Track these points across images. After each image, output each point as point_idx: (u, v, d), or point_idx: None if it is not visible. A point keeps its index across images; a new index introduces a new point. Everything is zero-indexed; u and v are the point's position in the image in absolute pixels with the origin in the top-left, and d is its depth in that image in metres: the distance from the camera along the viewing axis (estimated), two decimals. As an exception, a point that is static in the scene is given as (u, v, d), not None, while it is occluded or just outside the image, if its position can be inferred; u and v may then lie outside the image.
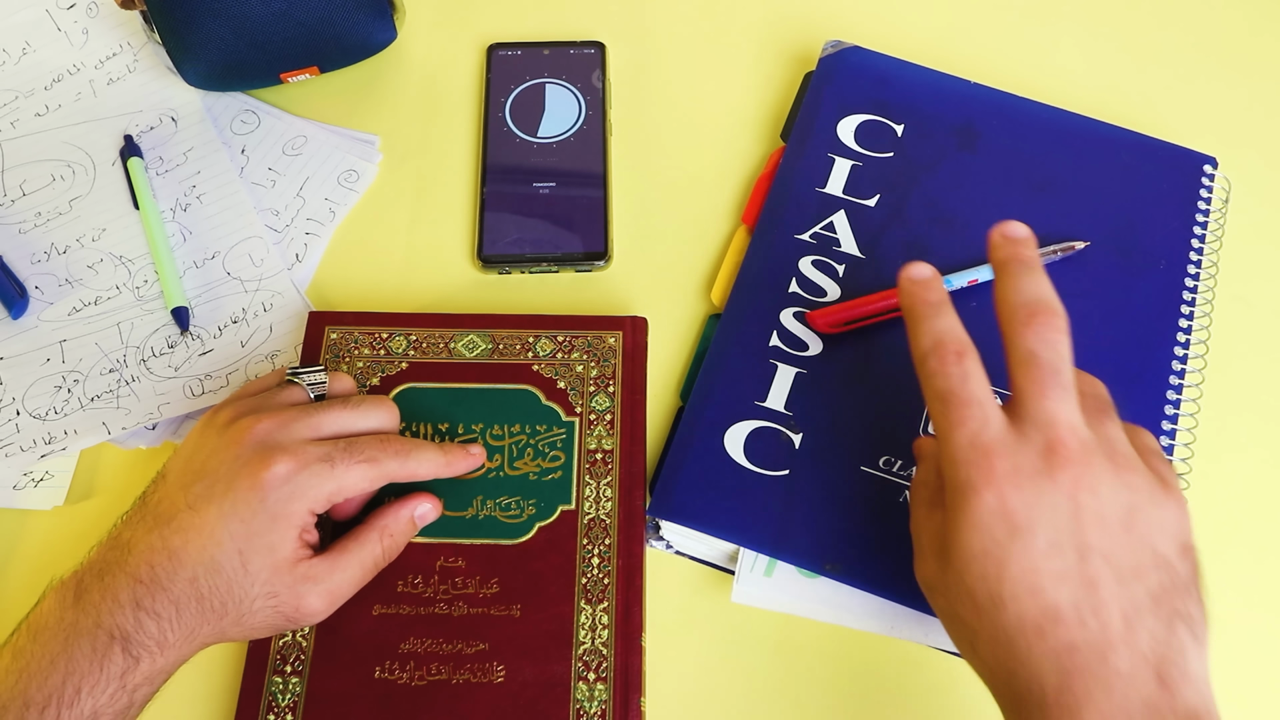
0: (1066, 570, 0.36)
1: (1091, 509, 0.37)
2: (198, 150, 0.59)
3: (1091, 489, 0.37)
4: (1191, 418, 0.50)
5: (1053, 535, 0.36)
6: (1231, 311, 0.55)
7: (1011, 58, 0.63)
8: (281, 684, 0.45)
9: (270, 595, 0.41)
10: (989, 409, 0.39)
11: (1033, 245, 0.42)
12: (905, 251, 0.54)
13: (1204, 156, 0.57)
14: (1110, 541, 0.36)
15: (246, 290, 0.55)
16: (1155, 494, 0.38)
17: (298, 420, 0.44)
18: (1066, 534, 0.36)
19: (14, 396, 0.52)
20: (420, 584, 0.47)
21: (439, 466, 0.46)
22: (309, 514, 0.42)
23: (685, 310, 0.55)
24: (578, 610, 0.46)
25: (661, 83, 0.62)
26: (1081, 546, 0.36)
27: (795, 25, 0.64)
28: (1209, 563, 0.49)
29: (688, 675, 0.47)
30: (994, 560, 0.36)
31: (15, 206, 0.57)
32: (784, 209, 0.55)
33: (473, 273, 0.57)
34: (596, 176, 0.58)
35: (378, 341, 0.52)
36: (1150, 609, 0.36)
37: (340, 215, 0.58)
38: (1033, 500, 0.37)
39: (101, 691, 0.38)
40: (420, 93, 0.62)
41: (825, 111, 0.58)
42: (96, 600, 0.39)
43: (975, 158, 0.57)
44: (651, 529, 0.49)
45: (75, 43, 0.63)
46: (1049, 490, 0.37)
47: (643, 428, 0.50)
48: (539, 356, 0.52)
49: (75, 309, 0.55)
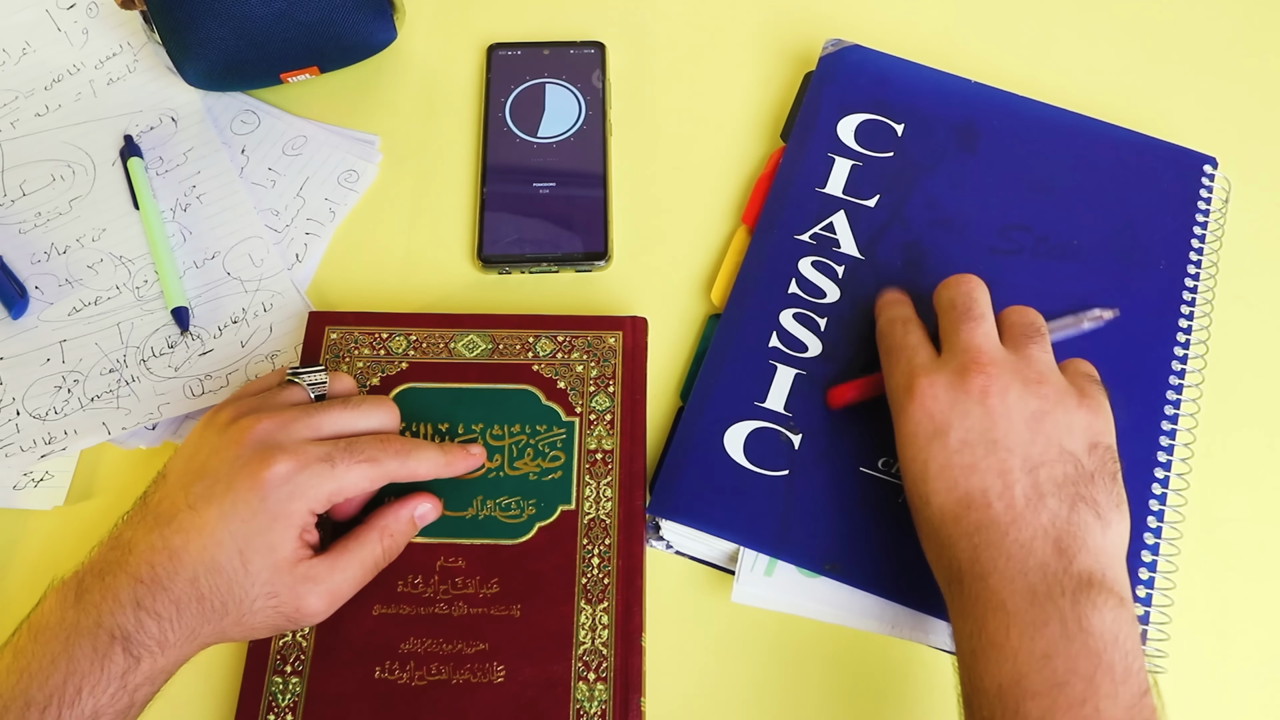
0: (975, 462, 0.41)
1: (999, 411, 0.42)
2: (198, 150, 0.59)
3: (1000, 394, 0.42)
4: (1191, 418, 0.50)
5: (963, 434, 0.42)
6: (1231, 311, 0.55)
7: (1012, 57, 0.63)
8: (281, 684, 0.45)
9: (271, 595, 0.41)
10: (921, 349, 0.46)
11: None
12: (905, 252, 0.54)
13: (1204, 156, 0.57)
14: (1016, 438, 0.42)
15: (246, 290, 0.55)
16: (1066, 401, 0.43)
17: (298, 420, 0.44)
18: (977, 433, 0.42)
19: (14, 396, 0.52)
20: (420, 584, 0.47)
21: (439, 466, 0.46)
22: (309, 514, 0.42)
23: (685, 310, 0.56)
24: (578, 610, 0.46)
25: (661, 83, 0.62)
26: (989, 442, 0.42)
27: (795, 25, 0.64)
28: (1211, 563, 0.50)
29: (688, 675, 0.47)
30: (919, 463, 0.43)
31: (15, 206, 0.57)
32: (784, 209, 0.55)
33: (473, 273, 0.57)
34: (596, 176, 0.58)
35: (378, 341, 0.52)
36: (1053, 493, 0.41)
37: (340, 215, 0.58)
38: (946, 407, 0.43)
39: (102, 691, 0.38)
40: (420, 93, 0.62)
41: (825, 111, 0.58)
42: (97, 600, 0.39)
43: (975, 157, 0.57)
44: (651, 529, 0.49)
45: (75, 43, 0.63)
46: (961, 399, 0.43)
47: (643, 428, 0.50)
48: (539, 356, 0.52)
49: (75, 309, 0.55)
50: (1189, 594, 0.47)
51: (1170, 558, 0.47)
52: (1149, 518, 0.48)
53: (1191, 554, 0.48)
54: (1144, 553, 0.47)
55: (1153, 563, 0.47)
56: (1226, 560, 0.50)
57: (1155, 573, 0.47)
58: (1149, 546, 0.47)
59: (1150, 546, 0.47)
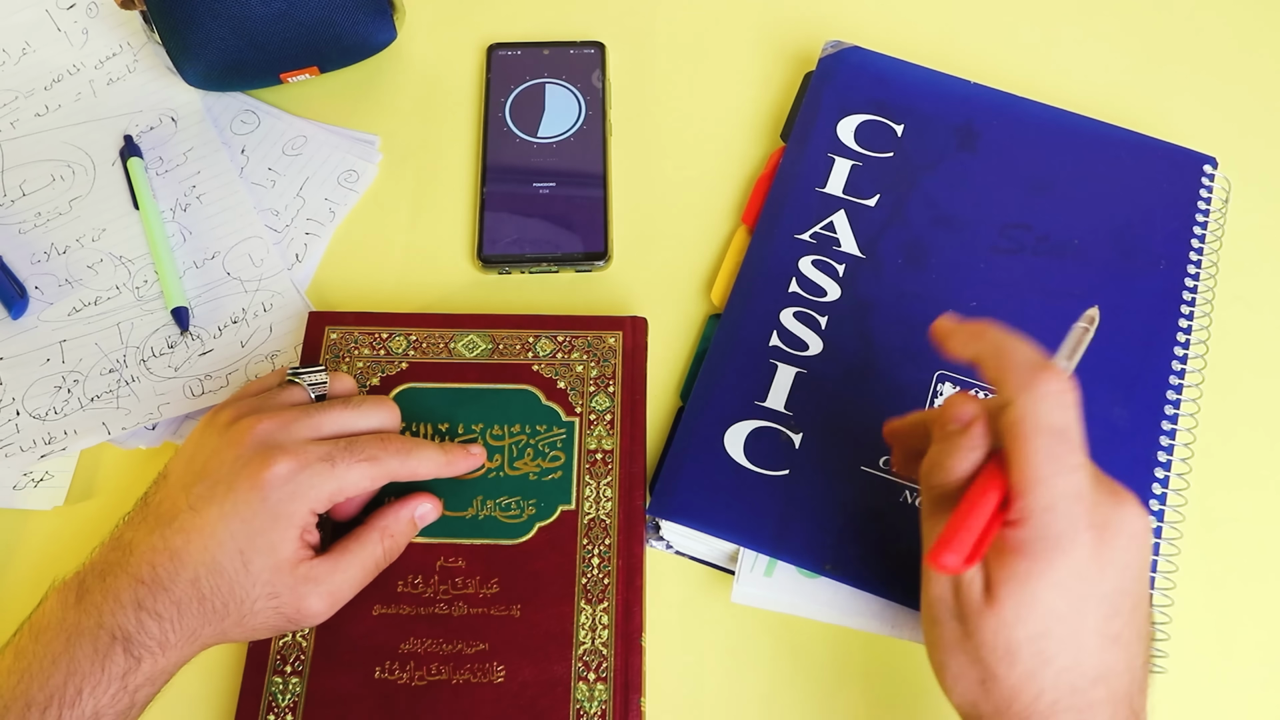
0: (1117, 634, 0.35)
1: (1146, 561, 0.37)
2: (198, 150, 0.59)
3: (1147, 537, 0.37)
4: (1192, 418, 0.50)
5: (1116, 600, 0.35)
6: (1231, 311, 0.55)
7: (1011, 58, 0.63)
8: (281, 684, 0.45)
9: (271, 596, 0.41)
10: (1089, 461, 0.36)
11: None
12: (905, 252, 0.54)
13: (1204, 156, 0.57)
14: (1145, 592, 0.37)
15: (246, 290, 0.55)
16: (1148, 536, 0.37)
17: (299, 420, 0.44)
18: (1127, 595, 0.36)
19: (14, 396, 0.52)
20: (420, 584, 0.47)
21: (439, 466, 0.46)
22: (310, 514, 0.42)
23: (685, 310, 0.56)
24: (578, 610, 0.46)
25: (661, 83, 0.62)
26: (1133, 607, 0.36)
27: (795, 25, 0.64)
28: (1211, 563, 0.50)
29: (688, 675, 0.47)
30: (1059, 619, 0.35)
31: (15, 206, 0.57)
32: (784, 209, 0.55)
33: (473, 273, 0.57)
34: (596, 176, 0.58)
35: (378, 341, 0.52)
36: (1146, 661, 0.37)
37: (340, 215, 0.58)
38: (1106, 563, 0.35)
39: (103, 692, 0.38)
40: (420, 93, 0.62)
41: (825, 111, 0.58)
42: (98, 601, 0.39)
43: (975, 158, 0.57)
44: (651, 529, 0.49)
45: (75, 43, 0.63)
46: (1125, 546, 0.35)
47: (643, 428, 0.50)
48: (539, 356, 0.52)
49: (75, 309, 0.55)
50: (1189, 594, 0.47)
51: (1170, 558, 0.47)
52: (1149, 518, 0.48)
53: (1192, 554, 0.48)
54: (1144, 553, 0.47)
55: (1153, 563, 0.47)
56: (1227, 560, 0.50)
57: (1155, 573, 0.47)
58: (1149, 546, 0.47)
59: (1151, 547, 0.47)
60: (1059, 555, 0.34)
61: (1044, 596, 0.34)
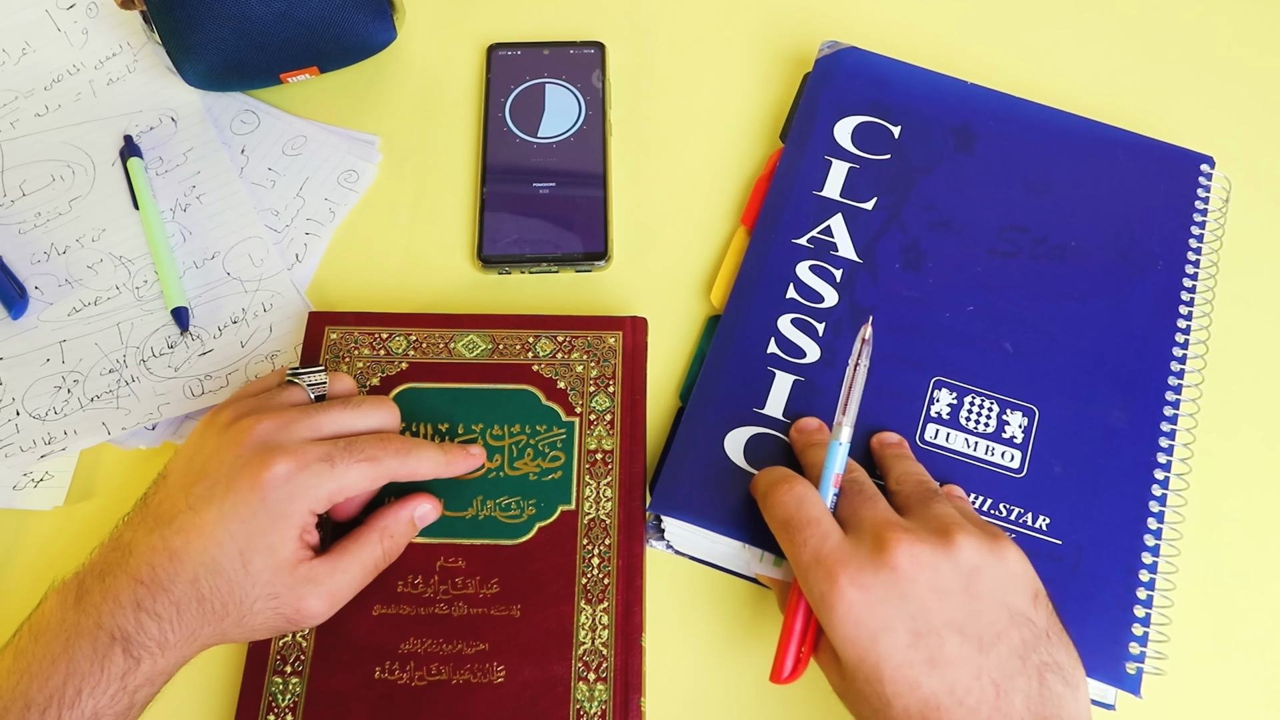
0: (931, 655, 0.37)
1: (931, 586, 0.38)
2: (198, 150, 0.59)
3: (928, 567, 0.39)
4: (1191, 418, 0.50)
5: (909, 624, 0.38)
6: (1231, 312, 0.55)
7: (1008, 59, 0.63)
8: (281, 684, 0.45)
9: (271, 596, 0.41)
10: (826, 524, 0.41)
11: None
12: (903, 255, 0.54)
13: (1201, 156, 0.57)
14: (960, 613, 0.38)
15: (246, 290, 0.55)
16: (986, 552, 0.40)
17: (298, 420, 0.44)
18: (920, 620, 0.38)
19: (14, 396, 0.52)
20: (420, 584, 0.47)
21: (439, 466, 0.46)
22: (310, 514, 0.42)
23: (685, 310, 0.56)
24: (578, 610, 0.46)
25: (661, 83, 0.62)
26: (936, 629, 0.38)
27: (794, 26, 0.64)
28: (1211, 563, 0.50)
29: (688, 675, 0.47)
30: (869, 665, 0.38)
31: (15, 206, 0.57)
32: (782, 213, 0.55)
33: (473, 273, 0.57)
34: (596, 176, 0.58)
35: (378, 341, 0.52)
36: (1019, 669, 0.37)
37: (340, 215, 0.58)
38: (879, 598, 0.38)
39: (102, 692, 0.38)
40: (420, 93, 0.62)
41: (822, 114, 0.58)
42: (98, 601, 0.39)
43: (973, 159, 0.57)
44: (652, 529, 0.49)
45: (75, 43, 0.63)
46: (889, 582, 0.38)
47: (643, 428, 0.50)
48: (539, 356, 0.52)
49: (75, 309, 0.55)
50: (1189, 594, 0.47)
51: (1170, 558, 0.47)
52: (1149, 519, 0.48)
53: (1191, 554, 0.48)
54: (1144, 554, 0.47)
55: (1153, 564, 0.47)
56: (1226, 560, 0.50)
57: (1156, 574, 0.47)
58: (1149, 548, 0.47)
59: (1150, 548, 0.47)
60: (829, 612, 0.39)
61: (845, 651, 0.38)
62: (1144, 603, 0.46)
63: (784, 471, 0.44)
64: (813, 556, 0.40)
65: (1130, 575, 0.46)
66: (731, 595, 0.49)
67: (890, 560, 0.39)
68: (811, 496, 0.42)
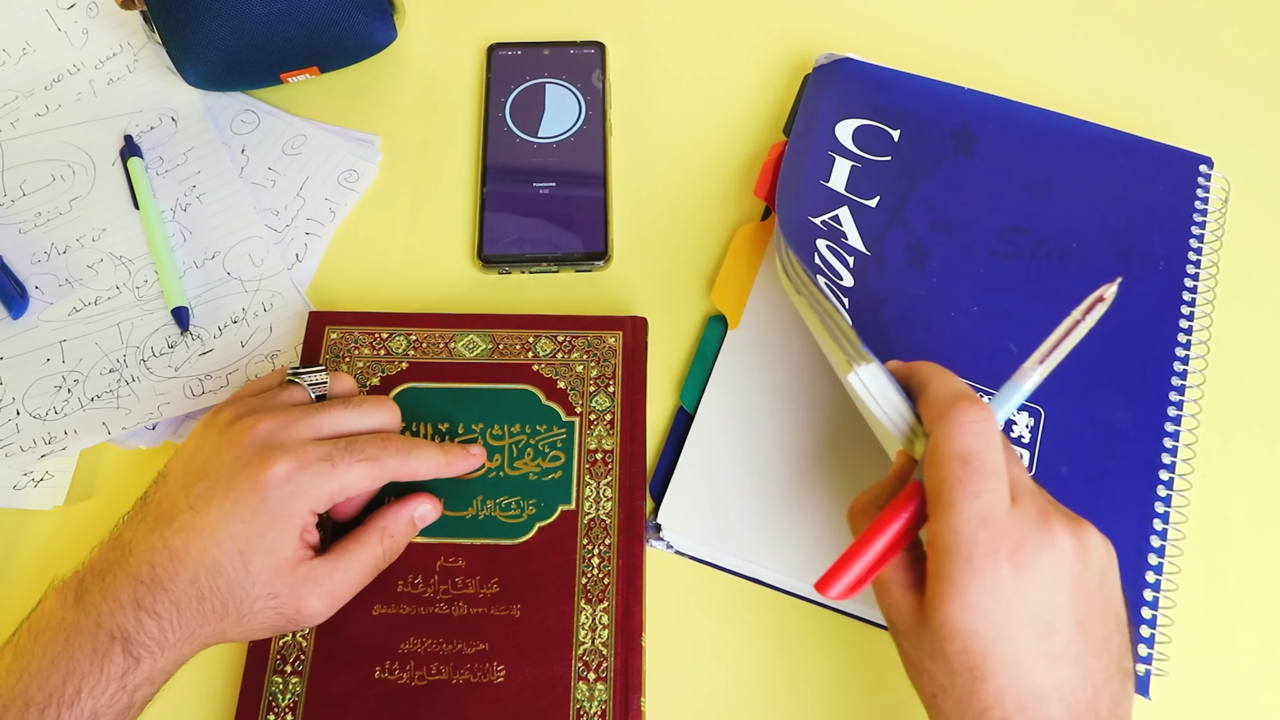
0: (1056, 651, 0.35)
1: (1076, 580, 0.36)
2: (198, 150, 0.59)
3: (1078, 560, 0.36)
4: (1193, 418, 0.50)
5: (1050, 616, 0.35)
6: (1232, 312, 0.55)
7: (1005, 66, 0.63)
8: (281, 684, 0.45)
9: (271, 596, 0.41)
10: (1003, 485, 0.36)
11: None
12: (908, 253, 0.54)
13: (1199, 156, 0.57)
14: (1089, 611, 0.36)
15: (246, 290, 0.55)
16: (1105, 551, 0.37)
17: (299, 420, 0.44)
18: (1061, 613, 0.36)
19: (14, 396, 0.52)
20: (420, 584, 0.47)
21: (439, 466, 0.46)
22: (310, 514, 0.42)
23: (685, 310, 0.56)
24: (578, 610, 0.46)
25: (661, 83, 0.62)
26: (1069, 625, 0.36)
27: (795, 25, 0.64)
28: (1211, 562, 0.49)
29: (688, 675, 0.47)
30: (983, 638, 0.35)
31: (15, 206, 0.57)
32: (796, 191, 0.54)
33: (473, 273, 0.57)
34: (596, 176, 0.58)
35: (378, 341, 0.52)
36: (1114, 673, 0.36)
37: (340, 215, 0.58)
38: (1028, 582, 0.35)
39: (102, 692, 0.38)
40: (420, 93, 0.62)
41: (823, 114, 0.58)
42: (97, 600, 0.39)
43: (972, 161, 0.57)
44: (652, 528, 0.49)
45: (75, 43, 0.63)
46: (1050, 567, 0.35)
47: (643, 428, 0.50)
48: (539, 356, 0.52)
49: (75, 309, 0.55)
50: (1191, 594, 0.47)
51: (1173, 559, 0.47)
52: (1154, 519, 0.48)
53: (1193, 554, 0.48)
54: (1150, 555, 0.47)
55: (1159, 565, 0.47)
56: (1228, 560, 0.50)
57: (1161, 575, 0.47)
58: (1155, 549, 0.47)
59: (1156, 549, 0.47)
60: (970, 577, 0.35)
61: (961, 618, 0.35)
62: (1150, 604, 0.46)
63: (967, 388, 0.39)
64: (981, 514, 0.36)
65: (1137, 575, 0.46)
66: (731, 595, 0.49)
67: (1055, 546, 0.36)
68: (1000, 440, 0.37)
